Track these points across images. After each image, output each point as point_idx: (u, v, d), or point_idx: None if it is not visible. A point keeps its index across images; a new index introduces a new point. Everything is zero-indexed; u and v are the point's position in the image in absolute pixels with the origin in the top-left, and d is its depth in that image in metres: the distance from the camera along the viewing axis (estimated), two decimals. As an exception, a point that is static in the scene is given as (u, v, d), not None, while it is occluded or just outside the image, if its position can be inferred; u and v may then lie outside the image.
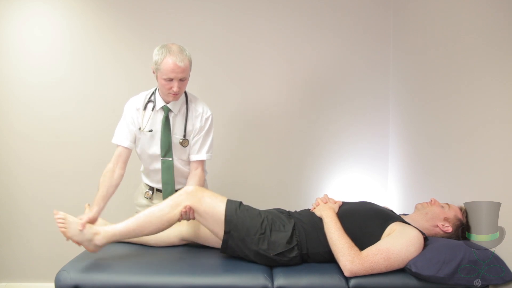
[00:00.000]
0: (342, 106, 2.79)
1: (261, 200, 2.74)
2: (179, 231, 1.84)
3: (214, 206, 1.67)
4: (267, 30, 2.75)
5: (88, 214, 1.74)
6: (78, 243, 1.64)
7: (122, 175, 1.97)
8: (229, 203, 1.71)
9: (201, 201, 1.66)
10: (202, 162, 2.05)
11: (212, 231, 1.71)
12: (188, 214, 1.67)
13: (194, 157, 2.03)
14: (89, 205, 1.88)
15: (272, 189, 2.83)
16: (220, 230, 1.66)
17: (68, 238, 1.63)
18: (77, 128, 2.73)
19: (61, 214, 1.62)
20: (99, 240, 1.63)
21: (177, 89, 1.85)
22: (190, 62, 1.88)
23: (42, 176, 2.74)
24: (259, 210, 1.76)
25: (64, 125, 2.73)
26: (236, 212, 1.68)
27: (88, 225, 1.65)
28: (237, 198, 2.76)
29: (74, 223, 1.63)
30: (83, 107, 2.72)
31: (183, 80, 1.87)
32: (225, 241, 1.66)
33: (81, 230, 1.62)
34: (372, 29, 2.75)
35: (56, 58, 2.70)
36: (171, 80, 1.84)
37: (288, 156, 2.83)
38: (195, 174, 2.02)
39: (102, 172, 1.93)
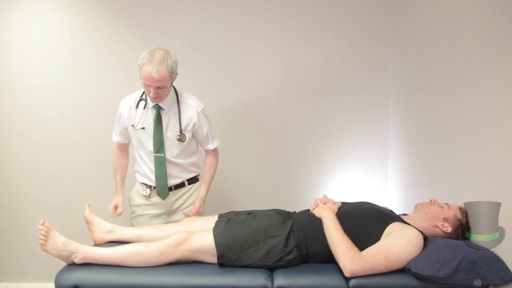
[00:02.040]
0: (342, 106, 2.79)
1: (261, 200, 2.75)
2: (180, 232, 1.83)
3: (205, 243, 1.65)
4: (267, 30, 2.74)
5: (117, 200, 2.17)
6: (54, 256, 1.65)
7: (128, 157, 2.27)
8: (216, 228, 1.70)
9: (190, 247, 1.64)
10: (216, 149, 2.26)
11: (210, 262, 1.68)
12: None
13: (211, 146, 2.21)
14: (89, 205, 1.91)
15: (272, 189, 2.83)
16: (215, 259, 1.65)
17: (44, 250, 1.65)
18: (77, 128, 2.73)
19: (45, 226, 1.64)
20: (77, 259, 1.63)
21: (154, 94, 1.92)
22: (170, 73, 1.91)
23: (42, 176, 2.74)
24: (248, 220, 1.73)
25: (64, 125, 2.72)
26: (225, 233, 1.67)
27: (67, 242, 1.63)
28: (237, 198, 2.82)
29: (55, 236, 1.64)
30: (83, 107, 2.72)
31: (161, 88, 1.92)
32: (220, 266, 1.64)
33: (117, 214, 2.14)
34: (372, 29, 2.75)
35: (56, 58, 2.69)
36: (148, 85, 1.90)
37: (288, 156, 2.82)
38: (213, 163, 2.25)
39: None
